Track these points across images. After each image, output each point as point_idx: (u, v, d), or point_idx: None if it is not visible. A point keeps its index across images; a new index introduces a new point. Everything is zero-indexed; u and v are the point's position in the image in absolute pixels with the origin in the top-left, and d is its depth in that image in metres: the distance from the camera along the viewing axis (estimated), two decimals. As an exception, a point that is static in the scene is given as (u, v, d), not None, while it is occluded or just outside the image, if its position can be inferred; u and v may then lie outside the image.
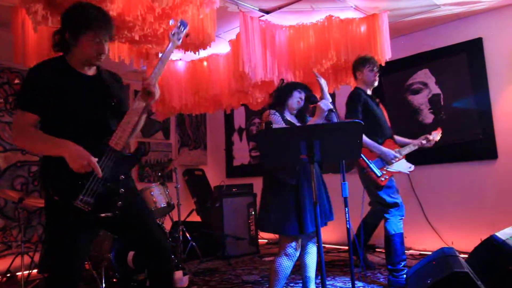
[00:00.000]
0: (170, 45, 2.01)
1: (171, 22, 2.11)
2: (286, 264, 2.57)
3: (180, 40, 2.04)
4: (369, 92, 3.38)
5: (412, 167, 3.33)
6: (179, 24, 2.03)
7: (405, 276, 3.11)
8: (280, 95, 2.75)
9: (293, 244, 2.57)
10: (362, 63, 3.34)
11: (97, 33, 1.81)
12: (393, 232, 3.15)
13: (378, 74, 3.36)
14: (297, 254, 2.62)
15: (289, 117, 2.69)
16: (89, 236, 1.92)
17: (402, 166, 3.27)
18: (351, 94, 3.33)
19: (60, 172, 1.74)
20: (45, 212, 1.90)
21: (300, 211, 2.49)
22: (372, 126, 3.17)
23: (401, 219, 3.22)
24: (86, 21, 1.79)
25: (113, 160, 1.82)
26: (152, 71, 1.95)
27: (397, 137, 3.50)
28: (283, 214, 2.50)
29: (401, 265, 3.15)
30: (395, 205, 3.18)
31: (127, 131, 1.86)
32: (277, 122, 2.56)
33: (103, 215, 1.78)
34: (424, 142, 3.36)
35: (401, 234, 3.18)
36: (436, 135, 3.44)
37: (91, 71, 1.94)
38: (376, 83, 3.38)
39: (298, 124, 2.71)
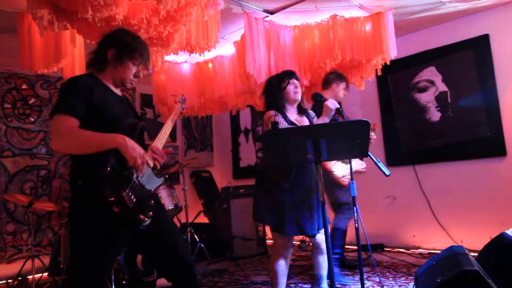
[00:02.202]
0: (177, 110, 2.29)
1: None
2: (282, 262, 2.59)
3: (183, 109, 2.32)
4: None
5: (364, 164, 3.56)
6: (181, 95, 2.37)
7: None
8: (273, 93, 2.68)
9: (286, 243, 2.59)
10: (339, 78, 3.65)
11: (142, 60, 1.91)
12: (338, 226, 3.53)
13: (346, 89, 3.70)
14: (290, 251, 2.64)
15: (290, 115, 2.65)
16: (119, 245, 1.87)
17: (357, 164, 3.48)
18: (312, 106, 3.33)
19: (103, 167, 1.68)
20: (75, 214, 1.83)
21: (295, 213, 2.50)
22: None
23: (350, 219, 3.48)
24: (138, 47, 1.90)
25: (147, 173, 1.83)
26: (157, 137, 1.98)
27: None
28: (277, 214, 2.51)
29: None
30: (347, 204, 3.46)
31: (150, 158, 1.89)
32: (280, 124, 2.53)
33: (141, 216, 1.73)
34: None
35: (345, 231, 3.59)
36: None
37: (118, 91, 1.99)
38: (341, 97, 3.67)
39: (304, 123, 2.69)
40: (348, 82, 3.75)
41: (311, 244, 2.80)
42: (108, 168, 1.68)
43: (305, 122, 2.71)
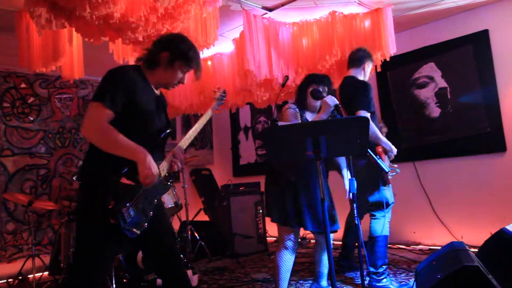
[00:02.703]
0: (209, 111, 2.32)
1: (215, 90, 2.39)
2: (287, 257, 2.61)
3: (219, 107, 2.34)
4: None
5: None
6: (223, 90, 2.33)
7: (385, 280, 3.01)
8: (298, 95, 2.75)
9: (291, 236, 2.60)
10: (370, 57, 3.28)
11: (191, 68, 1.96)
12: (379, 234, 3.03)
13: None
14: (296, 247, 2.65)
15: (309, 116, 2.68)
16: (116, 247, 1.94)
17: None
18: (362, 84, 3.10)
19: (110, 175, 1.75)
20: (81, 212, 1.90)
21: (299, 207, 2.53)
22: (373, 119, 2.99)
23: (389, 221, 3.12)
24: (192, 53, 1.95)
25: (157, 182, 1.85)
26: (182, 140, 2.09)
27: None
28: (282, 207, 2.55)
29: (383, 269, 3.04)
30: (388, 205, 3.08)
31: (167, 164, 1.96)
32: (290, 116, 2.59)
33: (134, 230, 1.78)
34: None
35: (387, 237, 3.07)
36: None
37: (157, 91, 2.02)
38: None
39: None
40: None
41: (311, 241, 2.80)
42: (119, 175, 1.75)
43: None
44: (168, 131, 2.00)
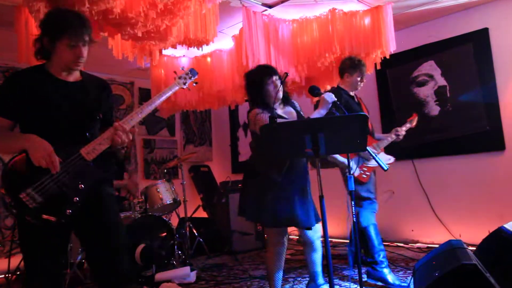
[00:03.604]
0: (172, 86, 2.08)
1: (181, 68, 2.20)
2: (277, 257, 2.59)
3: (186, 85, 2.12)
4: (351, 93, 3.31)
5: (392, 159, 3.32)
6: (189, 71, 2.13)
7: (384, 268, 3.10)
8: (255, 91, 2.62)
9: (279, 236, 2.59)
10: (354, 67, 3.25)
11: (73, 37, 1.79)
12: (366, 224, 3.16)
13: (364, 81, 3.32)
14: (285, 245, 2.64)
15: (279, 111, 2.62)
16: (57, 239, 1.84)
17: (382, 159, 3.23)
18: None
19: (16, 166, 1.73)
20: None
21: (291, 206, 2.50)
22: None
23: (374, 212, 3.25)
24: (62, 25, 1.79)
25: (77, 167, 1.79)
26: (137, 113, 1.93)
27: (376, 134, 3.51)
28: (265, 206, 2.49)
29: (380, 256, 3.12)
30: (368, 199, 3.22)
31: (104, 145, 1.84)
32: (266, 120, 2.45)
33: (45, 216, 1.72)
34: (393, 136, 3.32)
35: (375, 225, 3.19)
36: (407, 126, 3.43)
37: (72, 77, 1.92)
38: (359, 88, 3.32)
39: (292, 115, 2.66)
40: (364, 71, 3.28)
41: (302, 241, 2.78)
42: (12, 163, 1.72)
43: (293, 113, 2.68)
44: (98, 117, 1.92)
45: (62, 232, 1.84)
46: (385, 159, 3.26)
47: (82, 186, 1.80)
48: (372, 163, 3.19)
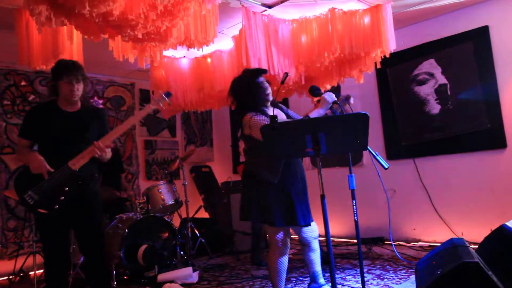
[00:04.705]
0: (147, 107, 2.65)
1: (160, 92, 2.70)
2: (280, 258, 2.59)
3: (161, 105, 2.66)
4: None
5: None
6: (163, 94, 2.65)
7: None
8: (244, 96, 2.63)
9: (281, 237, 2.58)
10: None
11: (68, 78, 2.50)
12: None
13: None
14: (288, 246, 2.63)
15: (270, 112, 2.61)
16: (60, 226, 2.53)
17: None
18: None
19: (25, 175, 2.49)
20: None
21: (290, 205, 2.51)
22: None
23: None
24: (61, 70, 2.53)
25: (65, 174, 2.46)
26: (113, 131, 2.60)
27: None
28: (269, 208, 2.50)
29: None
30: None
31: (85, 159, 2.48)
32: (263, 122, 2.47)
33: (39, 210, 2.44)
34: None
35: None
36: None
37: (73, 108, 2.61)
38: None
39: (282, 117, 2.67)
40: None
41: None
42: (21, 175, 2.53)
43: (282, 116, 2.69)
44: (80, 136, 2.55)
45: (59, 221, 2.52)
46: None
47: (67, 188, 2.46)
48: None
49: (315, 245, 2.72)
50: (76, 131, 2.55)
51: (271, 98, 2.66)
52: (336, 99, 2.49)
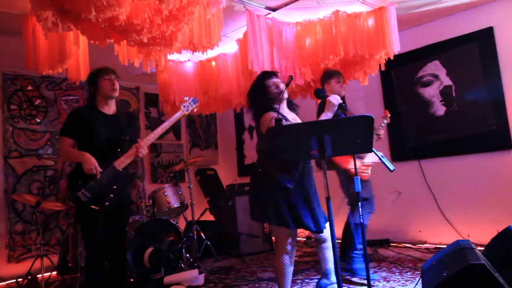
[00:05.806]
0: (178, 113, 2.97)
1: (185, 98, 3.07)
2: (288, 261, 2.59)
3: (189, 111, 3.02)
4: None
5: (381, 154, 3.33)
6: (191, 100, 3.02)
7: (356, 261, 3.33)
8: (259, 95, 2.64)
9: (290, 240, 2.58)
10: (329, 76, 3.49)
11: (109, 75, 2.79)
12: (357, 222, 3.29)
13: (343, 86, 3.56)
14: (295, 248, 2.63)
15: (286, 114, 2.63)
16: (101, 223, 2.75)
17: (373, 156, 3.28)
18: (319, 104, 3.42)
19: (77, 174, 2.69)
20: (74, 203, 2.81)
21: (302, 208, 2.51)
22: None
23: (370, 213, 3.41)
24: (99, 72, 2.81)
25: (112, 174, 2.71)
26: (152, 134, 2.88)
27: None
28: (281, 210, 2.50)
29: (354, 253, 3.36)
30: (365, 199, 3.31)
31: (129, 159, 2.77)
32: (273, 122, 2.47)
33: (92, 206, 2.66)
34: (374, 137, 3.33)
35: (364, 226, 3.17)
36: (383, 125, 3.53)
37: (111, 111, 2.87)
38: (342, 94, 3.46)
39: (298, 121, 2.68)
40: (339, 75, 3.53)
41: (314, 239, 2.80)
42: (74, 173, 2.74)
43: (298, 120, 2.70)
44: (121, 139, 2.81)
45: (102, 215, 2.73)
46: (377, 155, 3.31)
47: (115, 187, 2.73)
48: (368, 160, 3.26)
49: (328, 244, 2.74)
50: (116, 132, 2.80)
51: (286, 96, 2.65)
52: (341, 101, 2.51)
